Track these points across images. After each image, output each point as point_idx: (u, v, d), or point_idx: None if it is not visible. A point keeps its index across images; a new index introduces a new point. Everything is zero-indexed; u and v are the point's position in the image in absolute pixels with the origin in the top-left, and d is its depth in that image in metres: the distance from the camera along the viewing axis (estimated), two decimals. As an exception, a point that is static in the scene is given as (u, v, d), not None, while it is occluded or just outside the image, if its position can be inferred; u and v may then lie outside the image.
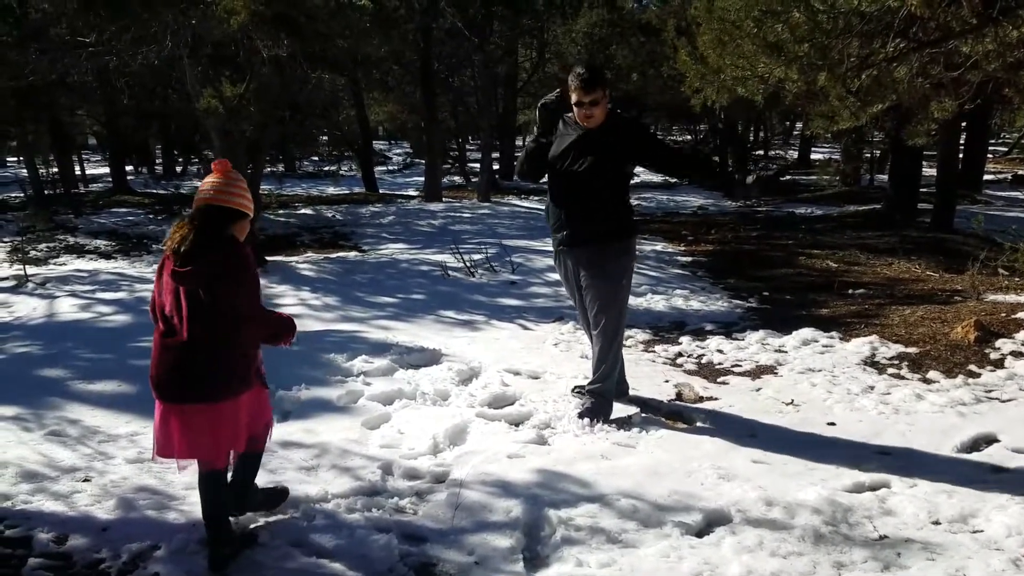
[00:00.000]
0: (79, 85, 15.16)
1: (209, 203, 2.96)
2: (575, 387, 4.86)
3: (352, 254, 10.55)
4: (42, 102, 14.73)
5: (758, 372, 5.46)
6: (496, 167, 20.87)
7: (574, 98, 4.10)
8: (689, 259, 10.19)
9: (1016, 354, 5.47)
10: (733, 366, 5.63)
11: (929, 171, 15.10)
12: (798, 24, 5.23)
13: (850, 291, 8.00)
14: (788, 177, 22.04)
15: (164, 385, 2.94)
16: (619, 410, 4.61)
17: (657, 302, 7.67)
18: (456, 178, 23.32)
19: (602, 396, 4.50)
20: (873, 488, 3.62)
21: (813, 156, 26.90)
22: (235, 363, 2.95)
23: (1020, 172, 21.80)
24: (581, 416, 4.39)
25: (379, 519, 3.35)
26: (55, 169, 18.63)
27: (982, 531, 3.17)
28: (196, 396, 2.92)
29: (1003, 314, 6.34)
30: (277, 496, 3.48)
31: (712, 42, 6.01)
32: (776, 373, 5.42)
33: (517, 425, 4.43)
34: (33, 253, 10.16)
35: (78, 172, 21.25)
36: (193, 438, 2.94)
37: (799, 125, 28.68)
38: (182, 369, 2.90)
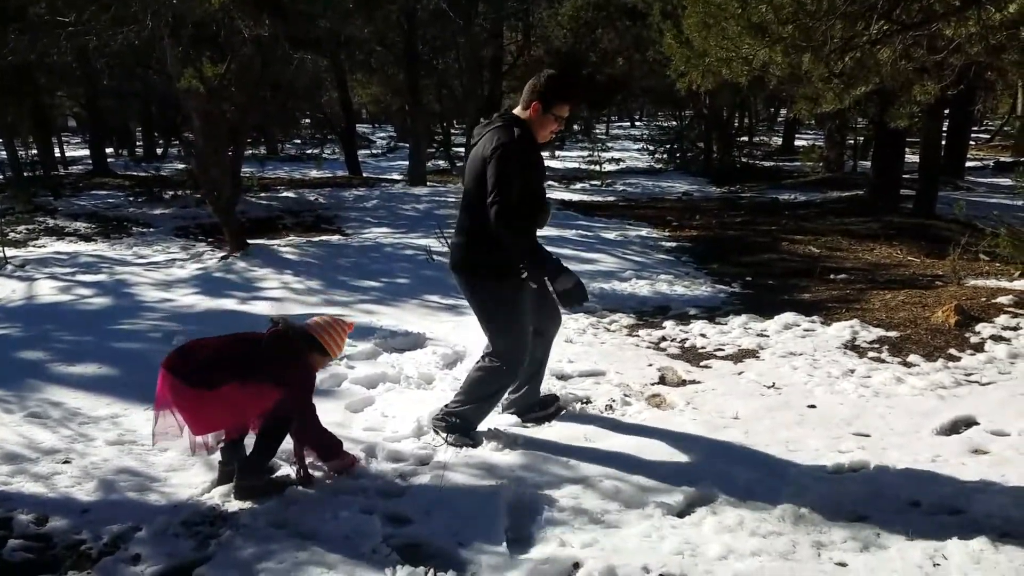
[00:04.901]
0: (59, 66, 14.94)
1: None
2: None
3: (335, 238, 10.49)
4: (21, 83, 14.52)
5: (740, 356, 5.49)
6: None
7: (566, 110, 3.73)
8: (674, 244, 10.21)
9: (996, 338, 5.53)
10: (716, 350, 5.65)
11: (912, 158, 15.18)
12: (782, 5, 5.22)
13: (832, 276, 8.05)
14: (772, 163, 22.13)
15: None
16: (605, 393, 4.63)
17: (641, 287, 7.69)
18: (441, 162, 23.22)
19: None
20: (853, 469, 3.65)
21: (797, 143, 26.97)
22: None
23: (1002, 159, 21.96)
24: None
25: (363, 501, 3.34)
26: (34, 151, 18.38)
27: (962, 512, 3.21)
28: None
29: (983, 299, 6.41)
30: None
31: (697, 25, 5.99)
32: (758, 357, 5.44)
33: (501, 408, 4.42)
34: (12, 235, 10.03)
35: (58, 154, 20.97)
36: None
37: (783, 112, 28.79)
38: None
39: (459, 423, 3.94)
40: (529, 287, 3.84)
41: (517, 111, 3.76)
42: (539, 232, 3.79)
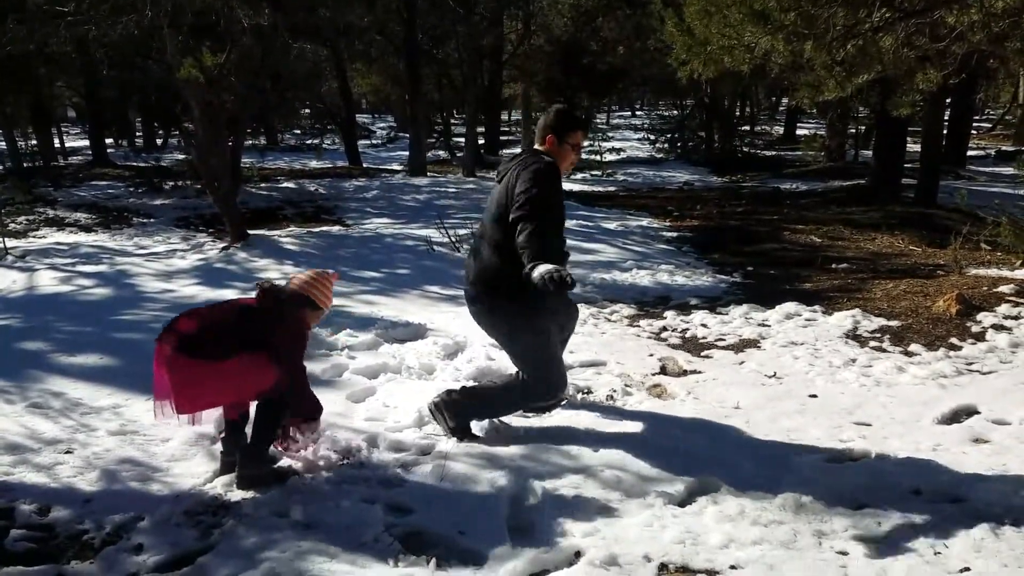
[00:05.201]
0: (58, 56, 14.92)
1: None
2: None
3: (336, 228, 10.49)
4: (21, 74, 14.49)
5: (741, 346, 5.49)
6: (481, 141, 20.74)
7: (579, 137, 3.83)
8: (675, 234, 10.20)
9: (997, 327, 5.53)
10: (717, 340, 5.65)
11: (913, 147, 15.16)
12: (784, -9, 5.20)
13: (834, 265, 8.04)
14: (774, 152, 22.08)
15: None
16: (606, 383, 4.63)
17: (642, 277, 7.69)
18: (441, 153, 23.17)
19: None
20: (853, 459, 3.66)
21: (798, 132, 26.90)
22: None
23: (1004, 148, 21.92)
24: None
25: (364, 491, 3.34)
26: (34, 142, 18.35)
27: (963, 500, 3.21)
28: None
29: (985, 288, 6.40)
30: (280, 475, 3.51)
31: (699, 13, 5.97)
32: (759, 347, 5.44)
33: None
34: (12, 226, 10.04)
35: (57, 145, 20.96)
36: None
37: (785, 101, 28.70)
38: None
39: (466, 409, 3.92)
40: (548, 302, 3.82)
41: (536, 147, 3.82)
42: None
